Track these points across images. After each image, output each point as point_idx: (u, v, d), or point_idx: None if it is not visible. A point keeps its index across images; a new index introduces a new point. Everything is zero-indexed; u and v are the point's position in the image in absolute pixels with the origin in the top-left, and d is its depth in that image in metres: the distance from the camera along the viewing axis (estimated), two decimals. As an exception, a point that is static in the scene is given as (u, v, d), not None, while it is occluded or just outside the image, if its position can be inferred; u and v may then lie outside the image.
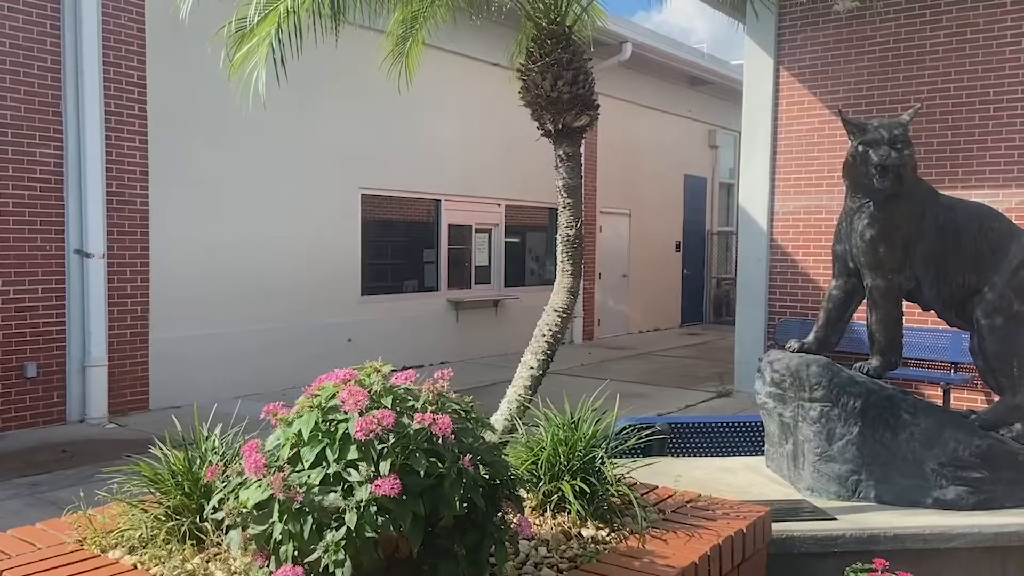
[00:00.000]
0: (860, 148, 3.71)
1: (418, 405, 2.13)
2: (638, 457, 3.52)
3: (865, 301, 3.91)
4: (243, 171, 9.01)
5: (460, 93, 11.40)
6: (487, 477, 2.23)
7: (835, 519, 3.35)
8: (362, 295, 10.48)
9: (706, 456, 4.66)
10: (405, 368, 2.43)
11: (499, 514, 2.21)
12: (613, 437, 3.21)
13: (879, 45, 8.45)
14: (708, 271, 17.50)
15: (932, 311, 4.02)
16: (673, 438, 4.56)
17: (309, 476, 2.01)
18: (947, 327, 4.22)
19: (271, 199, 9.30)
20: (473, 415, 2.28)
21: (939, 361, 7.99)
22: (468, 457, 2.07)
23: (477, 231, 12.23)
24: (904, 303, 3.95)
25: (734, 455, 4.63)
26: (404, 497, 1.97)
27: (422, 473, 2.00)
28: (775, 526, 3.17)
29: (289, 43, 3.58)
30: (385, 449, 1.99)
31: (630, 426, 3.78)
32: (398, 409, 2.09)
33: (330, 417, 2.06)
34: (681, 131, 16.06)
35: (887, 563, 3.05)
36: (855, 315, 4.06)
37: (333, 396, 2.10)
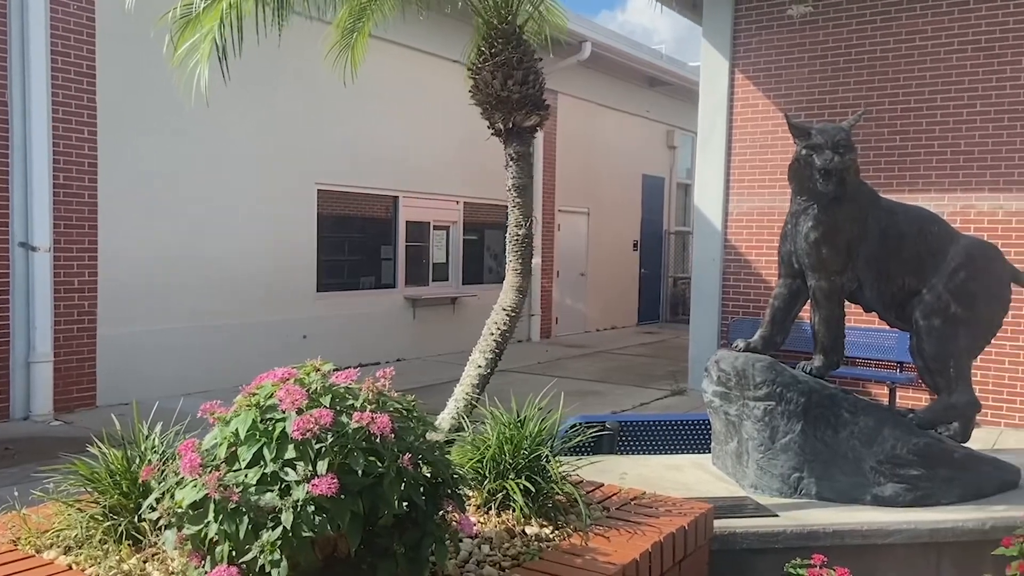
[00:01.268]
0: (804, 152, 3.79)
1: (358, 404, 2.12)
2: (588, 455, 3.56)
3: (809, 301, 3.99)
4: (196, 164, 8.86)
5: (419, 89, 11.35)
6: (429, 476, 2.24)
7: (777, 516, 3.42)
8: (318, 291, 10.37)
9: (655, 454, 4.71)
10: (361, 366, 2.42)
11: (440, 513, 2.22)
12: (562, 435, 3.23)
13: (831, 50, 8.60)
14: (665, 270, 17.68)
15: (874, 312, 4.12)
16: (622, 436, 4.61)
17: (246, 476, 1.99)
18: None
19: (225, 193, 9.16)
20: (415, 414, 2.27)
21: (885, 360, 8.17)
22: (408, 456, 2.07)
23: (435, 228, 12.19)
24: (847, 304, 4.05)
25: (682, 453, 4.69)
26: (342, 496, 1.96)
27: (360, 472, 2.00)
28: (718, 523, 3.22)
29: (232, 39, 3.52)
30: (323, 448, 1.98)
31: (579, 424, 3.81)
32: (337, 408, 2.08)
33: (268, 416, 2.04)
34: (640, 131, 16.19)
35: (825, 559, 3.13)
36: (800, 315, 4.15)
37: (271, 395, 2.08)
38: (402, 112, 11.21)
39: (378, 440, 2.06)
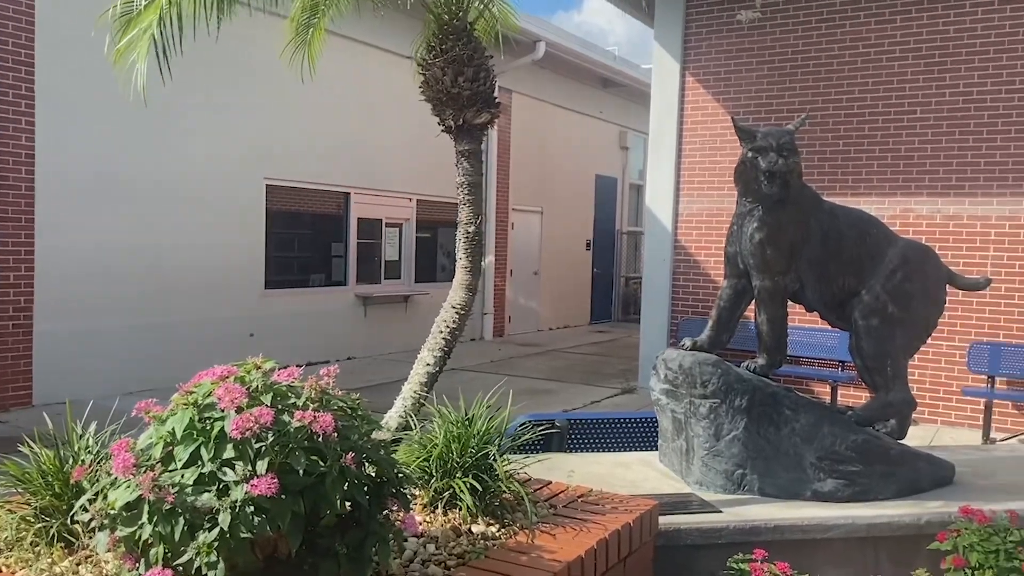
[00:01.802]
0: (750, 154, 3.85)
1: (300, 403, 2.09)
2: (537, 453, 3.56)
3: (754, 301, 4.06)
4: (140, 157, 8.65)
5: (372, 85, 11.26)
6: (373, 475, 2.22)
7: (720, 512, 3.47)
8: (266, 288, 10.22)
9: (603, 451, 4.75)
10: (310, 364, 2.38)
11: (384, 512, 2.20)
12: (511, 433, 3.23)
13: (778, 55, 8.77)
14: (617, 270, 17.84)
15: (816, 312, 4.20)
16: (571, 434, 4.63)
17: (182, 476, 1.95)
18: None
19: (169, 187, 8.96)
20: (360, 412, 2.25)
21: (828, 359, 8.36)
22: (351, 455, 2.05)
23: (387, 225, 12.10)
24: (791, 304, 4.12)
25: (630, 450, 4.73)
26: (283, 496, 1.93)
27: (302, 472, 1.97)
28: (663, 519, 3.25)
29: (172, 35, 3.43)
30: (263, 448, 1.95)
31: (528, 422, 3.82)
32: (279, 407, 2.04)
33: (206, 415, 2.00)
34: (593, 131, 16.30)
35: (766, 553, 3.18)
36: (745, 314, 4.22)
37: (210, 393, 2.04)
38: (354, 108, 11.10)
39: (321, 439, 2.04)
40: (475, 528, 2.74)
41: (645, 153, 9.82)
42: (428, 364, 3.69)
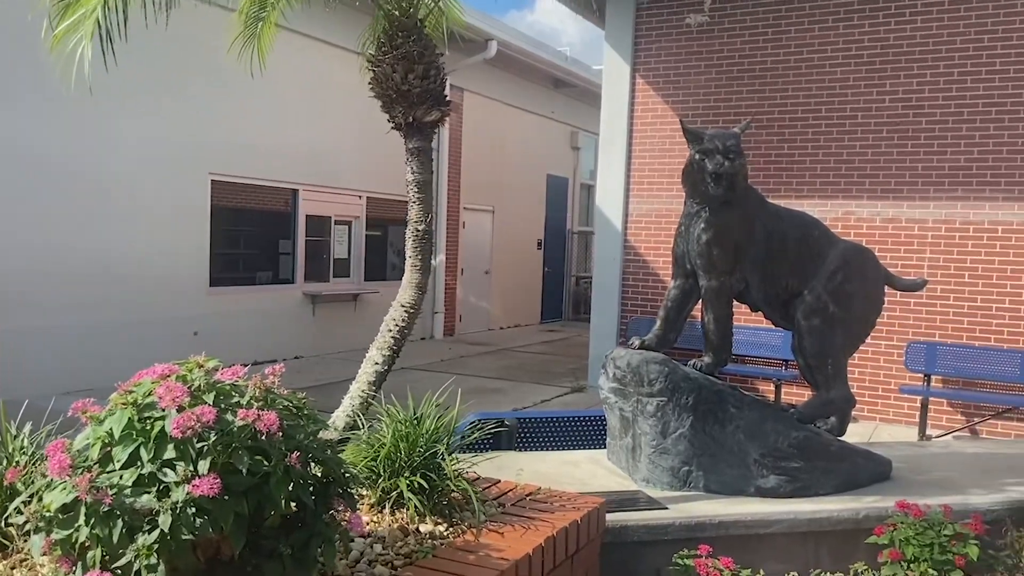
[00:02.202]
0: (697, 156, 3.91)
1: (244, 401, 2.06)
2: (487, 452, 3.56)
3: (700, 301, 4.12)
4: (81, 149, 8.41)
5: (322, 81, 11.12)
6: (319, 475, 2.19)
7: (666, 508, 3.52)
8: (211, 286, 10.02)
9: (553, 450, 4.77)
10: (256, 364, 2.34)
11: (330, 512, 2.17)
12: (460, 432, 3.23)
13: (726, 59, 8.92)
14: (568, 269, 17.94)
15: (760, 311, 4.29)
16: (520, 433, 4.64)
17: (121, 477, 1.90)
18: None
19: (112, 181, 8.73)
20: (306, 411, 2.22)
21: (772, 358, 8.54)
22: (296, 454, 2.02)
23: (337, 223, 11.97)
24: (736, 303, 4.20)
25: (579, 448, 4.77)
26: (225, 497, 1.90)
27: (245, 471, 1.94)
28: (610, 516, 3.29)
29: (115, 22, 3.33)
30: (205, 447, 1.91)
31: (478, 421, 3.82)
32: (222, 406, 2.01)
33: (146, 414, 1.95)
34: (545, 131, 16.37)
35: (711, 549, 3.24)
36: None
37: (150, 392, 1.99)
38: (304, 103, 10.96)
39: (265, 438, 2.01)
40: (423, 527, 2.73)
41: (596, 153, 9.89)
42: (377, 363, 3.66)
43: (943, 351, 7.80)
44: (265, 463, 1.98)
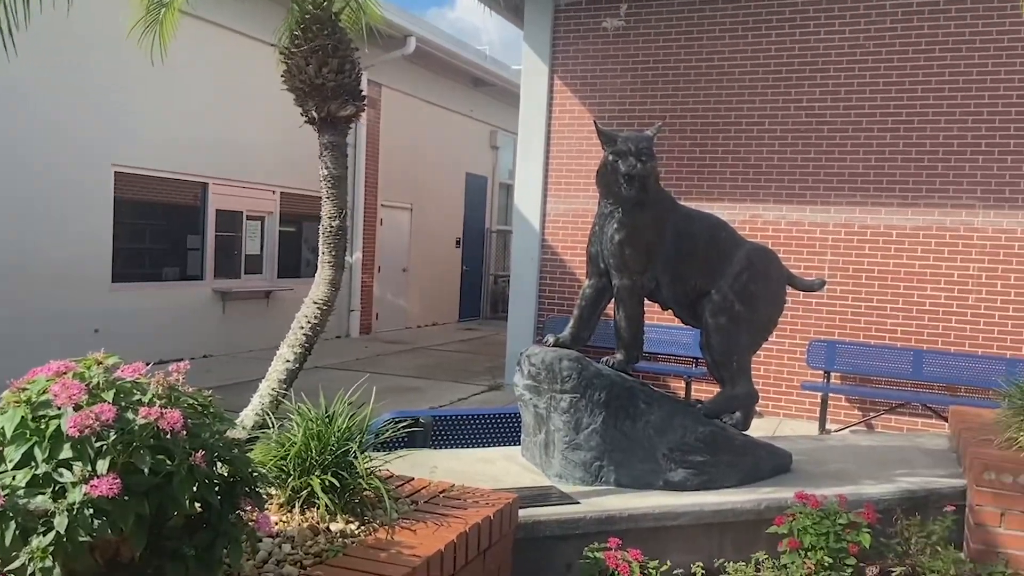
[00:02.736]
0: (611, 157, 3.98)
1: (146, 399, 2.00)
2: (402, 450, 3.54)
3: (613, 300, 4.20)
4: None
5: (234, 71, 10.82)
6: (225, 474, 2.14)
7: (578, 503, 3.57)
8: (113, 282, 9.62)
9: (469, 447, 4.79)
10: (162, 362, 2.26)
11: (236, 512, 2.13)
12: (374, 430, 3.20)
13: (641, 64, 9.12)
14: (486, 268, 17.99)
15: (670, 310, 4.40)
16: (436, 431, 4.64)
17: (14, 477, 1.81)
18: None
19: (8, 170, 8.28)
20: (212, 410, 2.17)
21: (684, 356, 8.78)
22: (201, 453, 1.97)
23: (249, 218, 11.67)
24: (648, 302, 4.30)
25: (494, 446, 4.79)
26: (126, 497, 1.84)
27: (147, 471, 1.88)
28: (523, 512, 3.32)
29: (12, 4, 3.17)
30: (104, 447, 1.85)
31: (393, 419, 3.79)
32: (122, 404, 1.94)
33: (40, 413, 1.87)
34: (464, 130, 16.37)
35: (620, 541, 3.31)
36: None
37: (45, 390, 1.91)
38: (215, 94, 10.64)
39: (168, 437, 1.95)
40: (334, 526, 2.70)
41: (515, 153, 9.95)
42: (288, 361, 3.59)
43: (842, 349, 8.18)
44: (168, 462, 1.93)
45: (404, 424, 3.39)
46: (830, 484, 3.98)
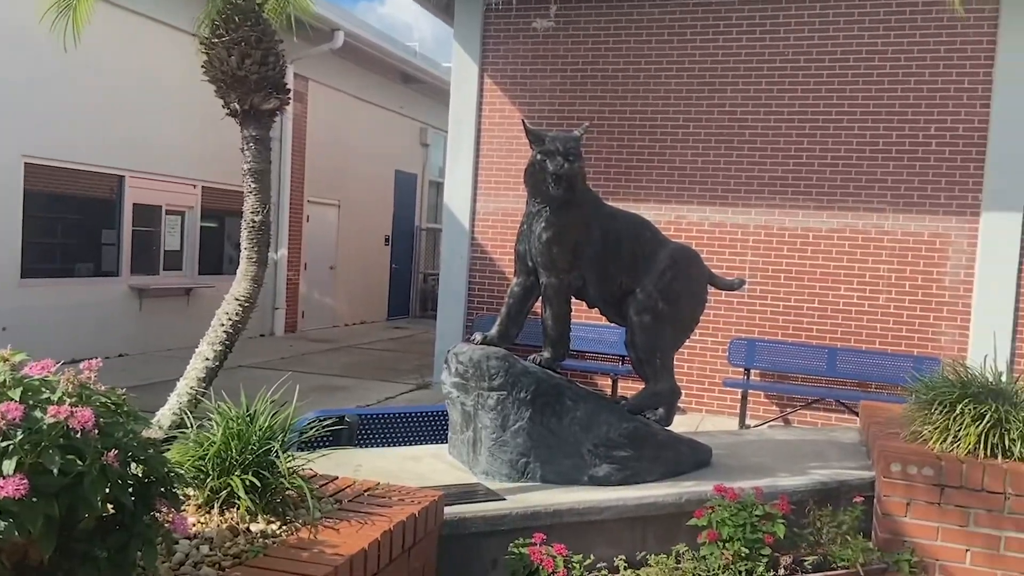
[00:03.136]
0: (539, 157, 4.02)
1: (55, 398, 1.92)
2: (327, 449, 3.50)
3: (541, 298, 4.24)
4: None
5: (153, 61, 10.47)
6: (139, 474, 2.08)
7: (504, 499, 3.59)
8: (22, 278, 9.20)
9: (396, 446, 4.76)
10: (75, 361, 2.18)
11: (151, 513, 2.07)
12: (296, 429, 3.15)
13: (570, 65, 9.22)
14: (416, 266, 17.88)
15: (597, 308, 4.47)
16: (362, 429, 4.60)
17: (-91, 481, 1.72)
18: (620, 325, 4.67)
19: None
20: (125, 408, 2.10)
21: (610, 354, 8.91)
22: (114, 453, 1.91)
23: (168, 213, 11.31)
24: (576, 301, 4.35)
25: (422, 444, 4.78)
26: (34, 499, 1.77)
27: (56, 472, 1.81)
28: (450, 509, 3.32)
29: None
30: (10, 446, 1.77)
31: (318, 418, 3.74)
32: (30, 402, 1.86)
33: (-61, 413, 1.78)
34: (393, 126, 16.23)
35: (545, 536, 3.35)
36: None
37: (-56, 389, 1.82)
38: (133, 84, 10.28)
39: (79, 436, 1.88)
40: (254, 527, 2.65)
41: (445, 151, 9.92)
42: (207, 359, 3.50)
43: (761, 347, 8.44)
44: (79, 462, 1.86)
45: (329, 423, 3.35)
46: (748, 477, 4.10)
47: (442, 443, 4.58)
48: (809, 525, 3.82)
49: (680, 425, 4.61)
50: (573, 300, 4.28)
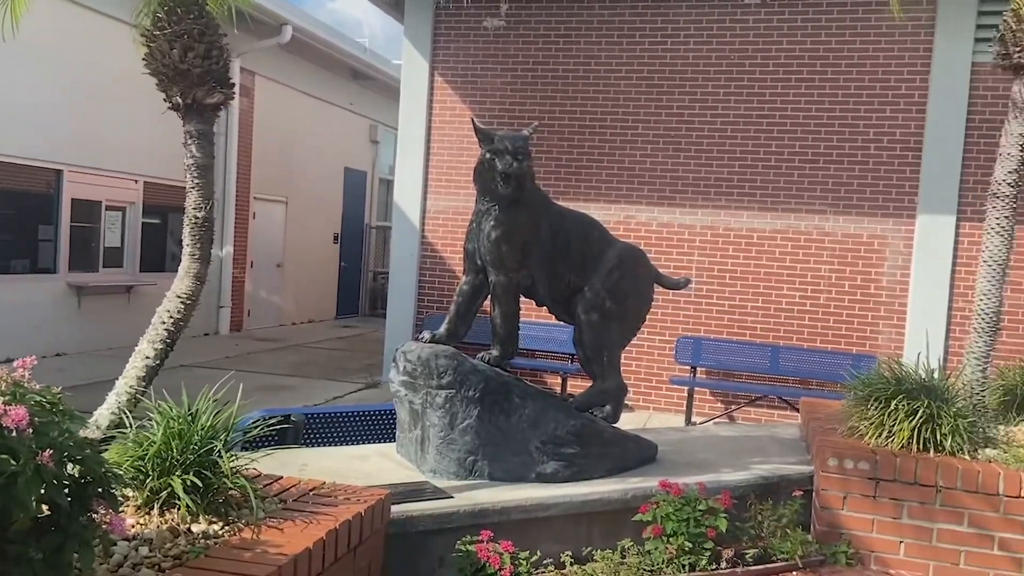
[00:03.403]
0: (488, 156, 4.03)
1: (-14, 396, 1.87)
2: (272, 448, 3.46)
3: (489, 296, 4.25)
4: None
5: (93, 52, 10.18)
6: (76, 474, 2.03)
7: (452, 497, 3.60)
8: (-45, 274, 8.88)
9: (343, 445, 4.72)
10: (8, 361, 2.12)
11: (88, 514, 2.02)
12: (239, 429, 3.11)
13: (521, 64, 9.25)
14: (365, 264, 17.72)
15: (545, 306, 4.50)
16: (308, 429, 4.55)
17: None
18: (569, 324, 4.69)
19: None
20: (61, 407, 2.05)
21: (560, 353, 8.97)
22: (48, 453, 1.86)
23: (109, 208, 11.01)
24: (525, 300, 4.38)
25: (370, 443, 4.75)
26: (-38, 501, 1.72)
27: (-13, 473, 1.76)
28: (397, 507, 3.31)
29: None
30: (-63, 447, 1.72)
31: (263, 418, 3.69)
32: (-41, 401, 1.81)
33: None
34: (343, 123, 16.06)
35: (492, 534, 3.37)
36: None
37: None
38: (71, 76, 9.98)
39: (13, 435, 1.83)
40: (196, 527, 2.61)
41: (395, 148, 9.85)
42: (148, 357, 3.43)
43: (707, 345, 8.59)
44: (13, 462, 1.81)
45: (274, 422, 3.31)
46: (692, 473, 4.18)
47: (390, 442, 4.56)
48: (751, 519, 3.91)
49: (628, 422, 4.68)
50: (523, 299, 4.31)
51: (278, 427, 3.61)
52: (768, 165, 8.58)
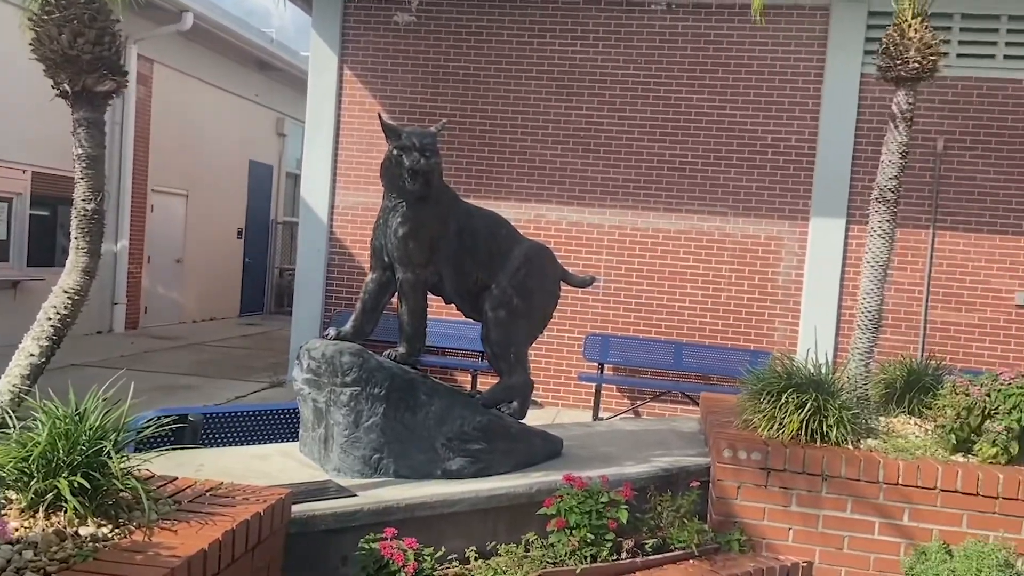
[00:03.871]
0: (395, 152, 4.01)
1: None
2: (167, 449, 3.35)
3: (397, 293, 4.23)
4: None
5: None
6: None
7: (356, 495, 3.57)
8: None
9: (244, 444, 4.61)
10: None
11: (-38, 520, 1.92)
12: (131, 429, 2.99)
13: (431, 60, 9.21)
14: (271, 261, 17.30)
15: (453, 303, 4.51)
16: (207, 428, 4.42)
17: None
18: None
19: None
20: (-67, 407, 1.94)
21: (470, 350, 8.98)
22: (-83, 456, 1.76)
23: (-7, 199, 10.40)
24: (434, 297, 4.37)
25: (272, 442, 4.65)
26: None
27: None
28: (299, 507, 3.26)
29: None
30: None
31: (157, 417, 3.57)
32: None
33: None
34: (248, 115, 15.61)
35: (396, 531, 3.36)
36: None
37: None
38: (-48, 57, 9.37)
39: None
40: (84, 530, 2.50)
41: (303, 142, 9.65)
42: (32, 355, 3.25)
43: (615, 342, 8.77)
44: None
45: (168, 421, 3.20)
46: (596, 466, 4.27)
47: (293, 441, 4.49)
48: (651, 510, 4.02)
49: (536, 418, 4.73)
50: (431, 296, 4.30)
51: (174, 427, 3.50)
52: (673, 167, 8.82)
